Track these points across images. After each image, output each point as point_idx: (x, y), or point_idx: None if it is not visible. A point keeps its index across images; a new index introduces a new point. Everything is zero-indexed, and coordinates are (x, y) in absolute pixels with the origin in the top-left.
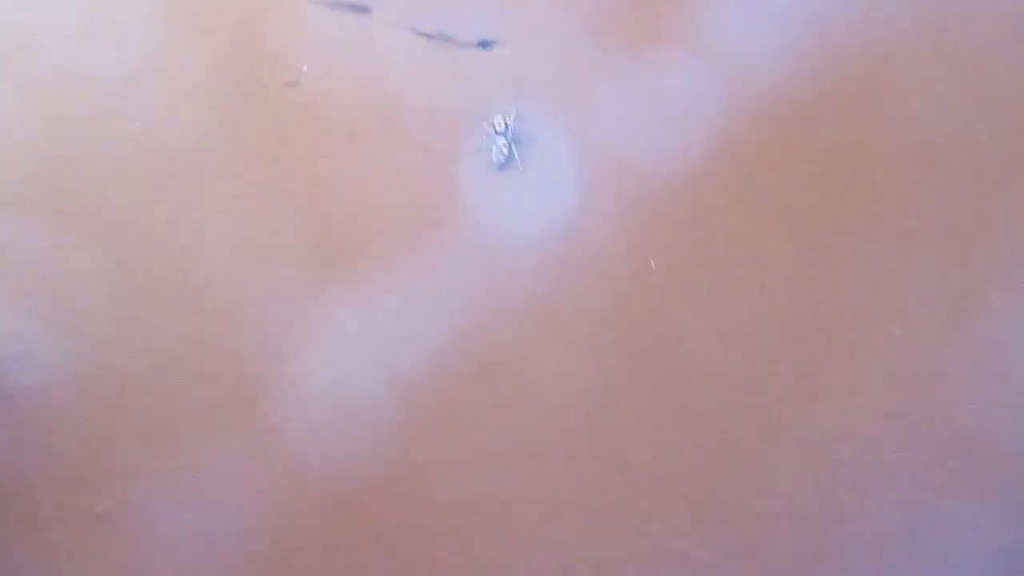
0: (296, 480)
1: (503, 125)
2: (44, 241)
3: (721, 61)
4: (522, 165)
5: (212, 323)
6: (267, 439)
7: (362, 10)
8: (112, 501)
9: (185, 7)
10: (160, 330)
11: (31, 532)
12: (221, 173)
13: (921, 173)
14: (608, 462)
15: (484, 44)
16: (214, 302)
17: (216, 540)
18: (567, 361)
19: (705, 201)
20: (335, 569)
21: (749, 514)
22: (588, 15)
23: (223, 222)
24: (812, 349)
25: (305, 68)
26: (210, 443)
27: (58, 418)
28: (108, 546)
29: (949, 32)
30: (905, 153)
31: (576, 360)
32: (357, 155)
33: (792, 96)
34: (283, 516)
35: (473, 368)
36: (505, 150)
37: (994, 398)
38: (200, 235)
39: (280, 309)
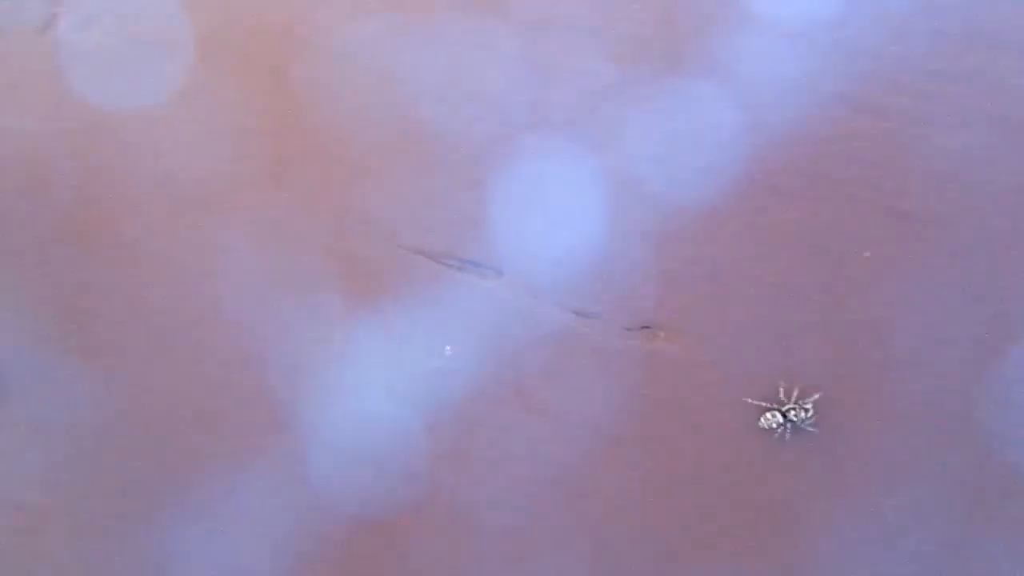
0: (322, 513)
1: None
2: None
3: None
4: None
5: (233, 355)
6: (293, 471)
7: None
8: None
9: None
10: (178, 363)
11: None
12: None
13: (958, 212)
14: (644, 487)
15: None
16: (234, 332)
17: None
18: (596, 390)
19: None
20: None
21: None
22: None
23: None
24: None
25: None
26: (233, 476)
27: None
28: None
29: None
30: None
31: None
32: None
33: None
34: (307, 551)
35: (505, 396)
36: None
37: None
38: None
39: (305, 339)
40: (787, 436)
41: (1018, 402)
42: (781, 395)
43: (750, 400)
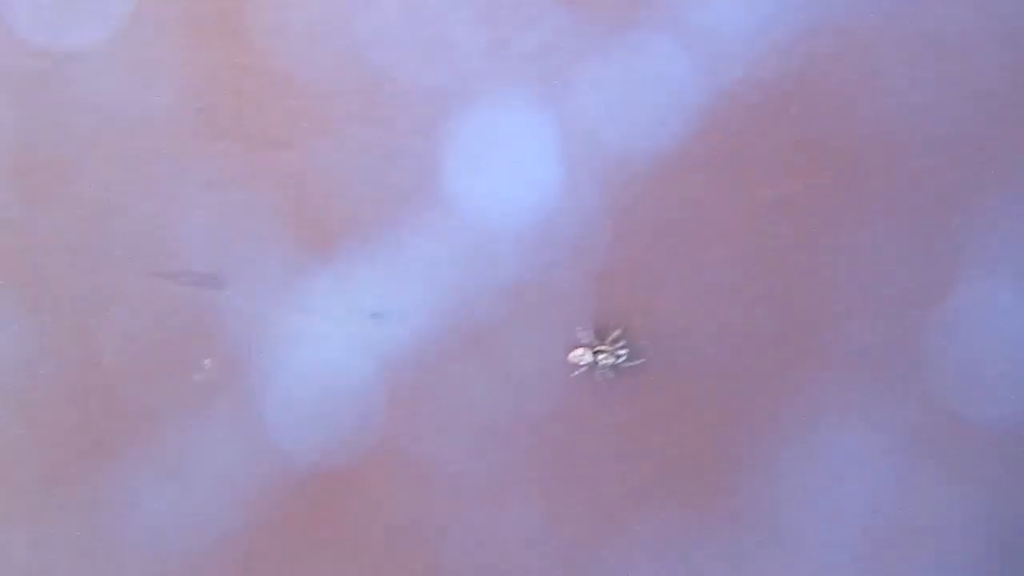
0: (280, 466)
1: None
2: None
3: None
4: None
5: (189, 304)
6: (250, 424)
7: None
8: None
9: None
10: (136, 312)
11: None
12: None
13: (918, 162)
14: (598, 438)
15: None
16: (190, 280)
17: (198, 530)
18: (551, 341)
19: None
20: (323, 554)
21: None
22: None
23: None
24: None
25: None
26: (191, 431)
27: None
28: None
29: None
30: (899, 142)
31: (558, 340)
32: None
33: (785, 81)
34: (267, 504)
35: (457, 347)
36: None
37: (987, 385)
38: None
39: (261, 291)
40: (596, 375)
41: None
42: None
43: (579, 330)
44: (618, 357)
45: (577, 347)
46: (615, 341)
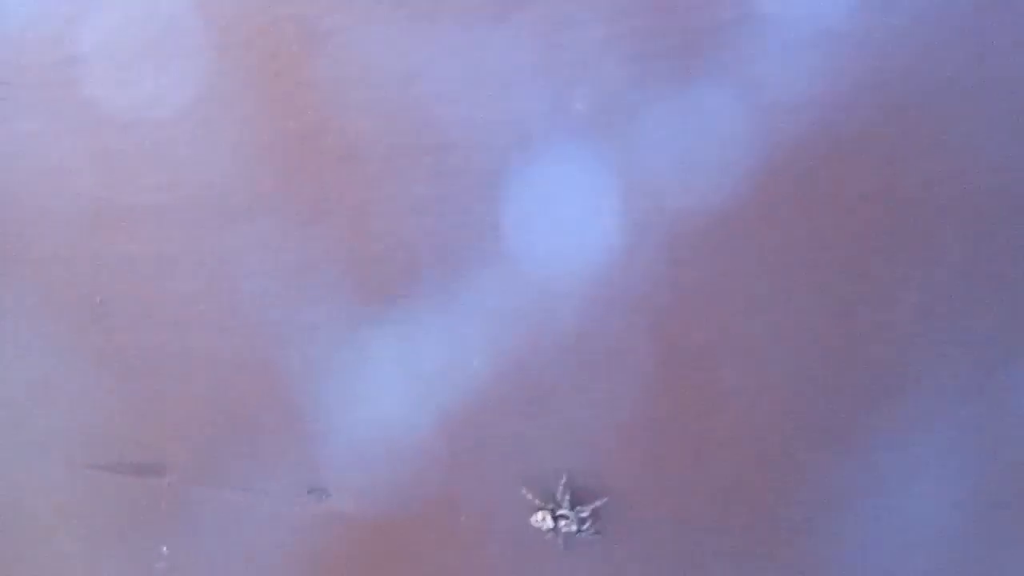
0: (335, 514)
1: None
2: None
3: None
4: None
5: (252, 358)
6: (306, 470)
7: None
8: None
9: None
10: (202, 365)
11: None
12: None
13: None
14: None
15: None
16: (254, 336)
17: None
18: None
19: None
20: None
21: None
22: None
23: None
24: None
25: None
26: (251, 474)
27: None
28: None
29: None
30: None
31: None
32: None
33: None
34: (320, 549)
35: (515, 399)
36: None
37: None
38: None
39: (319, 342)
40: (560, 543)
41: None
42: (558, 495)
43: (525, 491)
44: (581, 523)
45: (537, 511)
46: (575, 504)
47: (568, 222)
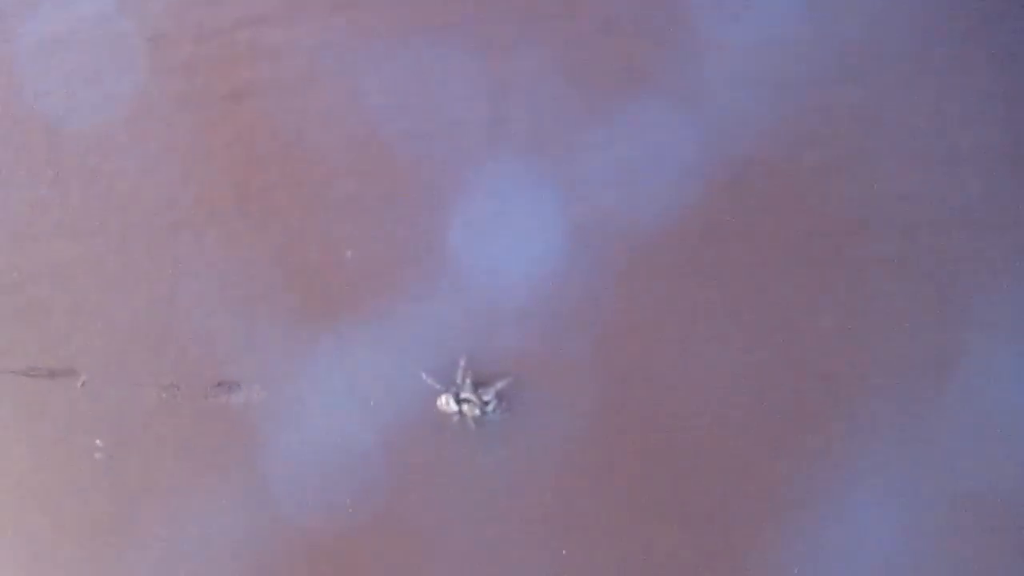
0: (282, 532)
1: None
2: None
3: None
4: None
5: (200, 373)
6: (255, 490)
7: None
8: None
9: None
10: (152, 379)
11: None
12: None
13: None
14: (610, 510)
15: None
16: (200, 351)
17: None
18: (558, 415)
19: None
20: None
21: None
22: None
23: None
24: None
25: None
26: (197, 494)
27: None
28: None
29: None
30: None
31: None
32: None
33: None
34: (268, 568)
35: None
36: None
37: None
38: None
39: (268, 357)
40: (471, 425)
41: None
42: (458, 378)
43: (425, 376)
44: (485, 405)
45: (440, 395)
46: (477, 388)
47: (513, 237)
